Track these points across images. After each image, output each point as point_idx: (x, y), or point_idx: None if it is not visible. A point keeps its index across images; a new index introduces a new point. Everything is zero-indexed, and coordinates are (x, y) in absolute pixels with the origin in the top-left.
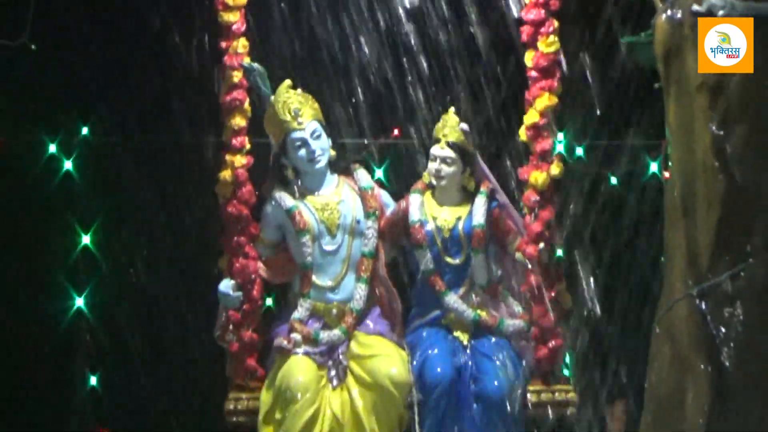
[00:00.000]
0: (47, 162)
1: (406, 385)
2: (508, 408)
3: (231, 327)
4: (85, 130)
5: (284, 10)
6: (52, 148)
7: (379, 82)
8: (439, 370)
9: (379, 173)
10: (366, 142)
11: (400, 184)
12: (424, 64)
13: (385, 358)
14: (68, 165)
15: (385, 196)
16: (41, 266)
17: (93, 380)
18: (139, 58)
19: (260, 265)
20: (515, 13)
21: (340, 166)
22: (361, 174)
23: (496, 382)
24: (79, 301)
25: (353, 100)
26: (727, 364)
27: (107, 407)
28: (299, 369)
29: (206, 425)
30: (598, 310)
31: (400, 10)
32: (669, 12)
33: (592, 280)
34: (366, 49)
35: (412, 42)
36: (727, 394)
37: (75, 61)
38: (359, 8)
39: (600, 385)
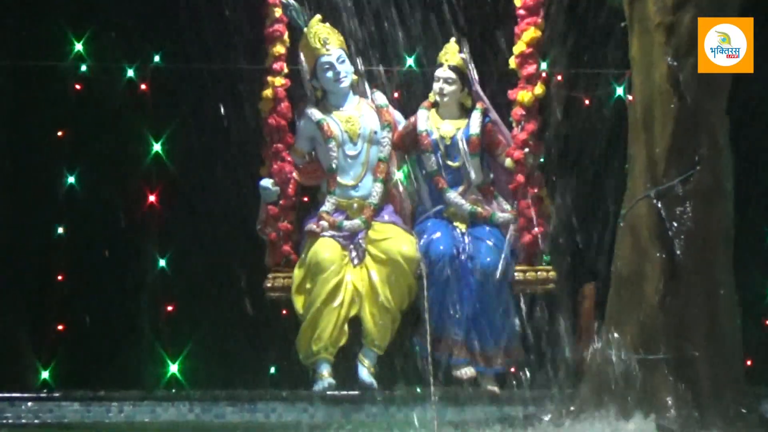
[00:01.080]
0: (126, 84)
1: (415, 260)
2: (499, 280)
3: (270, 220)
4: (156, 58)
5: None
6: (130, 73)
7: (393, 19)
8: (441, 248)
9: (396, 95)
10: (381, 68)
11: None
12: (436, 9)
13: (397, 239)
14: (143, 86)
15: (397, 114)
16: (122, 169)
17: (162, 262)
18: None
19: (293, 169)
20: None
21: (361, 89)
22: (378, 95)
23: (488, 258)
24: (152, 199)
25: (372, 35)
26: (678, 252)
27: (174, 286)
28: (326, 247)
29: (255, 302)
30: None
31: None
32: None
33: (568, 186)
34: None
35: None
36: (678, 276)
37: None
38: None
39: (574, 271)
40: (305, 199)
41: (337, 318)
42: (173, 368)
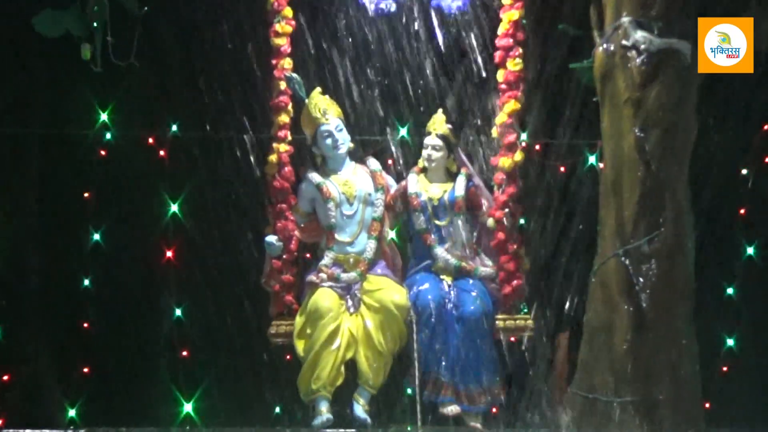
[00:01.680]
0: (146, 150)
1: (406, 308)
2: (482, 326)
3: (274, 273)
4: (174, 127)
5: (318, 37)
6: (150, 140)
7: (386, 93)
8: (429, 297)
9: (390, 162)
10: (377, 138)
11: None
12: (421, 81)
13: (389, 290)
14: (162, 153)
15: (389, 178)
16: (142, 227)
17: (178, 312)
18: (212, 74)
19: (295, 227)
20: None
21: (357, 155)
22: (372, 161)
23: (472, 307)
24: (169, 254)
25: (366, 107)
26: (644, 305)
27: (189, 333)
28: (325, 296)
29: (263, 347)
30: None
31: (405, 42)
32: (604, 45)
33: (545, 245)
34: (377, 69)
35: (412, 66)
36: (644, 327)
37: (167, 76)
38: (370, 41)
39: (550, 321)
40: (308, 255)
41: (334, 360)
42: (187, 407)
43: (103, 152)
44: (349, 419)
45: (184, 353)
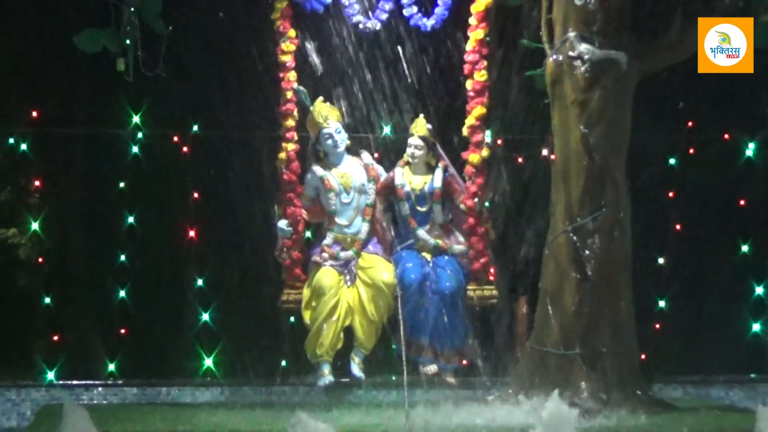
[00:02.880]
0: (173, 147)
1: (393, 285)
2: (456, 299)
3: (285, 249)
4: (195, 127)
5: (321, 53)
6: (176, 138)
7: (378, 100)
8: (412, 276)
9: (378, 155)
10: (368, 135)
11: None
12: (407, 91)
13: (379, 268)
14: (185, 149)
15: (380, 169)
16: (169, 211)
17: (200, 282)
18: (227, 82)
19: (303, 211)
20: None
21: (353, 150)
22: (365, 155)
23: (447, 283)
24: (192, 234)
25: (363, 111)
26: (589, 273)
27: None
28: (327, 274)
29: (271, 311)
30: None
31: (395, 58)
32: (554, 56)
33: (506, 223)
34: (367, 78)
35: (396, 75)
36: (589, 291)
37: (188, 83)
38: (360, 55)
39: (511, 287)
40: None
41: (335, 329)
42: (208, 362)
43: (135, 148)
44: (347, 373)
45: (206, 317)
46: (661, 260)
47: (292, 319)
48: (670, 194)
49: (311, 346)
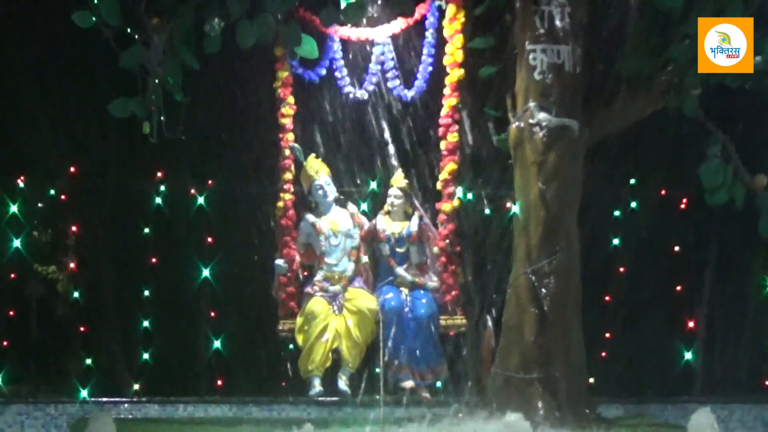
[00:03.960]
0: (192, 199)
1: (375, 312)
2: (430, 325)
3: (281, 286)
4: (210, 182)
5: (314, 118)
6: (193, 191)
7: (364, 157)
8: (392, 303)
9: (364, 206)
10: (354, 189)
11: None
12: (389, 150)
13: (363, 298)
14: (200, 199)
15: (363, 218)
16: (187, 257)
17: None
18: (235, 143)
19: (297, 253)
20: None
21: (340, 201)
22: (351, 205)
23: (422, 311)
24: (205, 272)
25: (348, 166)
26: (546, 308)
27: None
28: (317, 303)
29: (272, 339)
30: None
31: (374, 120)
32: (516, 123)
33: (475, 266)
34: (354, 139)
35: (379, 137)
36: (545, 324)
37: (203, 144)
38: (348, 119)
39: (477, 319)
40: (305, 273)
41: (324, 349)
42: (219, 382)
43: (158, 199)
44: (334, 390)
45: (216, 343)
46: (606, 298)
47: (291, 346)
48: (615, 241)
49: (303, 364)
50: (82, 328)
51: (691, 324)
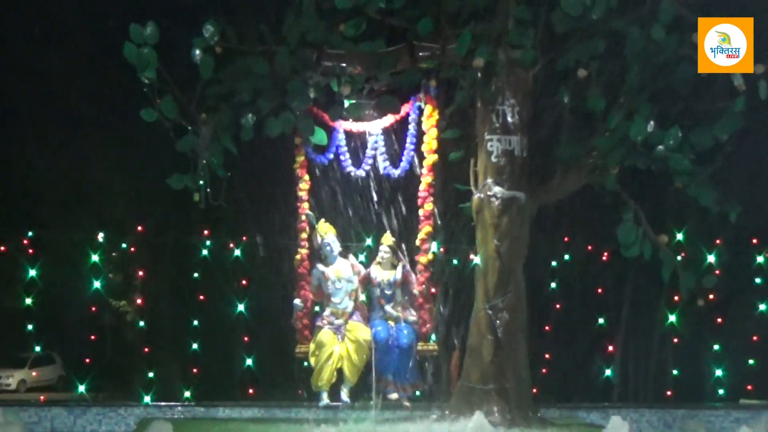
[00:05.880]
0: (229, 251)
1: (369, 341)
2: (410, 350)
3: (298, 319)
4: (236, 252)
5: (323, 191)
6: (231, 245)
7: (361, 221)
8: (382, 335)
9: (361, 257)
10: (353, 244)
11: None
12: (380, 215)
13: (360, 330)
14: (237, 252)
15: (361, 267)
16: (227, 295)
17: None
18: (262, 208)
19: (310, 294)
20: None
21: (343, 253)
22: (351, 257)
23: (405, 340)
24: (240, 307)
25: (349, 228)
26: (500, 335)
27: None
28: (325, 334)
29: (289, 357)
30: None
31: (370, 194)
32: (477, 194)
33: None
34: (354, 205)
35: (373, 204)
36: (499, 347)
37: (241, 209)
38: (349, 190)
39: (447, 344)
40: (317, 308)
41: (331, 369)
42: (251, 391)
43: (204, 251)
44: (338, 399)
45: (249, 361)
46: (546, 327)
47: (305, 364)
48: (552, 285)
49: (315, 381)
50: (146, 349)
51: (610, 348)
